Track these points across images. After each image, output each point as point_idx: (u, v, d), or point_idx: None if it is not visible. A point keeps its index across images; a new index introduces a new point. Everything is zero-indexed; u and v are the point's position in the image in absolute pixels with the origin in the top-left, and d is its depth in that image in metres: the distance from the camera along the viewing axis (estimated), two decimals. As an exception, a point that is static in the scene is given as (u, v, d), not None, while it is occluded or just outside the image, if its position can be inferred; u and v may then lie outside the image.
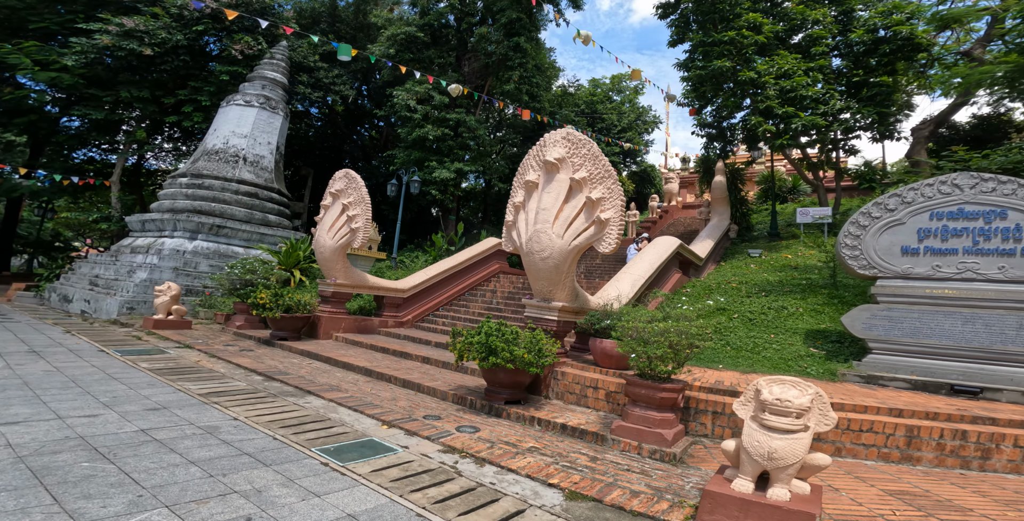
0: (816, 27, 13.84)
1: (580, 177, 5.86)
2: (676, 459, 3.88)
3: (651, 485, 3.46)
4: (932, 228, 5.95)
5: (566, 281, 6.03)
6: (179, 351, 7.85)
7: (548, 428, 4.79)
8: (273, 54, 15.56)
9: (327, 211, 9.78)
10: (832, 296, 8.98)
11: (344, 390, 5.88)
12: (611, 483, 3.47)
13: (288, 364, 7.23)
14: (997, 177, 5.65)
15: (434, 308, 11.30)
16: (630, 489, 3.38)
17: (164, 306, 10.23)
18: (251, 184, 15.34)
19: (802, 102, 12.75)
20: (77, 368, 6.08)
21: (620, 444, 4.17)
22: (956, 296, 5.71)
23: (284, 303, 8.68)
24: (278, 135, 15.99)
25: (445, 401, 5.73)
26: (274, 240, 15.31)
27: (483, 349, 4.98)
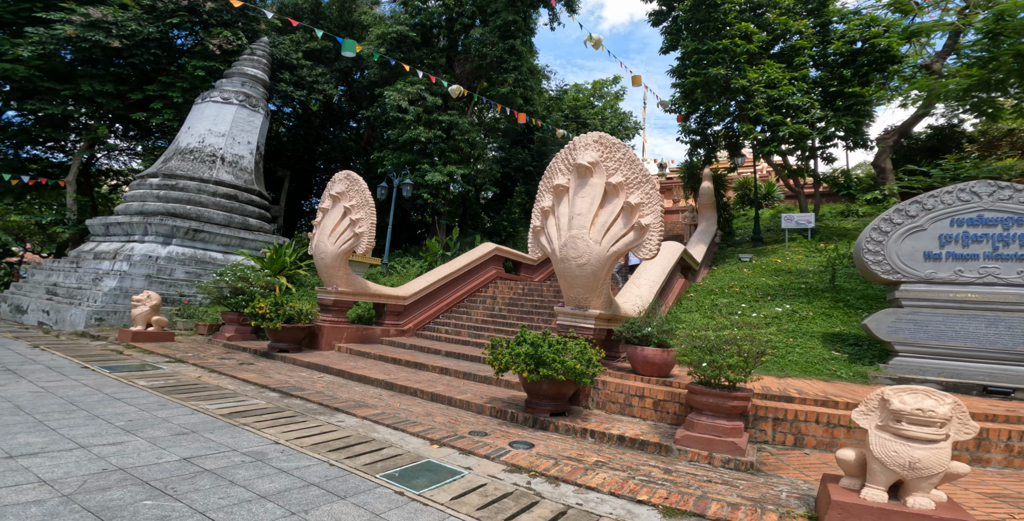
0: (797, 38, 14.38)
1: (616, 181, 5.77)
2: (752, 468, 3.79)
3: (744, 496, 3.35)
4: (953, 234, 6.16)
5: (602, 288, 5.91)
6: (173, 366, 7.26)
7: (603, 440, 4.63)
8: (254, 50, 14.85)
9: (326, 215, 9.35)
10: (836, 300, 9.23)
11: (372, 406, 5.54)
12: (702, 496, 3.34)
13: (298, 378, 6.79)
14: (1013, 185, 5.91)
15: (434, 315, 10.98)
16: (726, 501, 3.25)
17: (143, 317, 9.51)
18: (230, 185, 14.56)
19: (788, 111, 13.19)
20: (68, 388, 5.49)
21: (687, 454, 4.05)
22: (979, 300, 5.92)
23: (286, 313, 8.19)
24: (258, 134, 15.26)
25: (482, 415, 5.49)
26: (255, 245, 14.58)
27: (531, 360, 4.77)
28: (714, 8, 12.21)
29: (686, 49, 12.73)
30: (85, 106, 15.43)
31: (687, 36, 13.20)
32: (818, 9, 14.44)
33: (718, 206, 17.27)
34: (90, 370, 6.66)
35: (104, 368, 6.80)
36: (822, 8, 14.43)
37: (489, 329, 9.94)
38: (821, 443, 4.31)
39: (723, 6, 12.21)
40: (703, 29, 12.54)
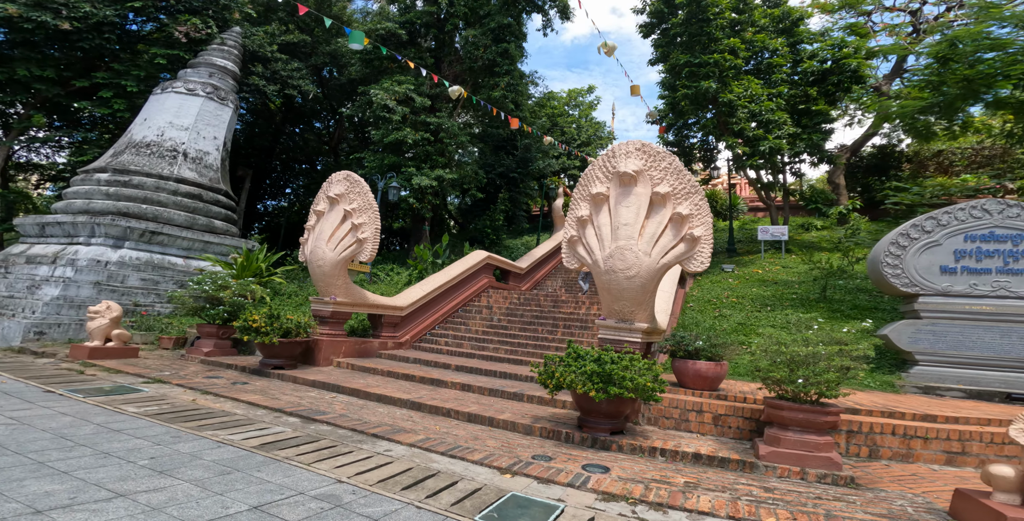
0: (775, 56, 15.12)
1: (664, 191, 5.67)
2: (852, 482, 3.72)
3: (870, 512, 3.23)
4: (967, 249, 6.52)
5: (650, 301, 5.77)
6: (155, 388, 6.43)
7: (675, 458, 4.45)
8: (224, 40, 13.77)
9: (322, 218, 8.72)
10: (832, 311, 9.60)
11: (410, 430, 5.09)
12: (827, 514, 3.19)
13: (310, 400, 6.19)
14: (1020, 204, 6.33)
15: (430, 327, 10.48)
16: (856, 519, 3.14)
17: (102, 331, 8.47)
18: (193, 184, 13.39)
19: (767, 126, 13.79)
20: (46, 418, 4.68)
21: (777, 470, 3.94)
22: (993, 312, 6.27)
23: (282, 326, 7.50)
24: (226, 129, 14.16)
25: (532, 436, 5.17)
26: (221, 249, 13.45)
27: (598, 379, 4.53)
28: (706, 23, 12.60)
29: (677, 62, 13.05)
30: (20, 92, 13.77)
31: (678, 49, 13.53)
32: (790, 29, 15.27)
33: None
34: (57, 395, 5.76)
35: (73, 392, 5.90)
36: (793, 28, 15.27)
37: (492, 341, 9.60)
38: (897, 455, 4.34)
39: (715, 21, 12.62)
40: (694, 43, 12.91)
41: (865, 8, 17.79)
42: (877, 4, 17.97)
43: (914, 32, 20.15)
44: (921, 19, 19.46)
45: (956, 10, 17.84)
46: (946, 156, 27.07)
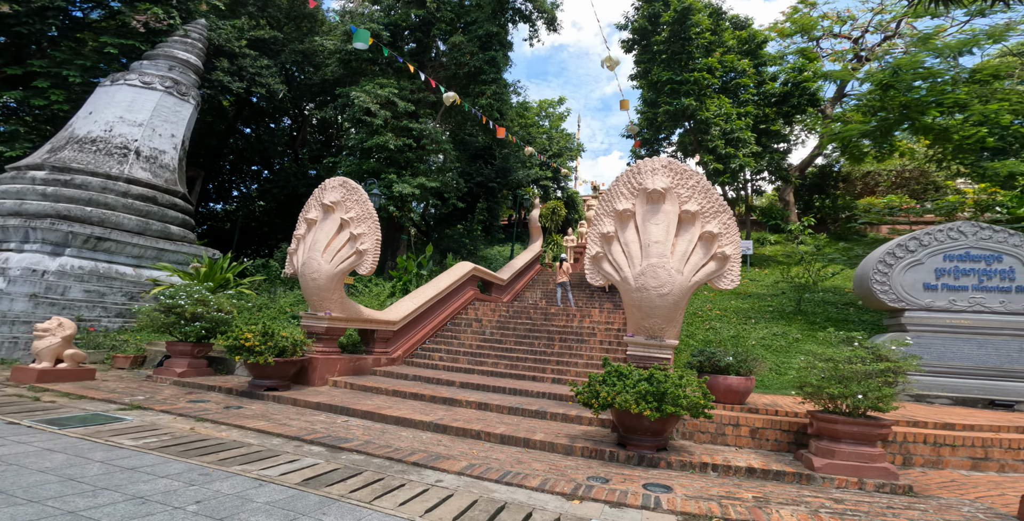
0: (742, 76, 16.10)
1: (693, 210, 5.85)
2: (910, 491, 3.95)
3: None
4: (946, 268, 7.18)
5: (679, 318, 5.90)
6: (138, 416, 5.80)
7: (729, 473, 4.53)
8: (188, 32, 12.80)
9: (314, 227, 8.28)
10: (809, 322, 10.26)
11: (447, 455, 4.88)
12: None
13: (322, 425, 5.80)
14: (992, 227, 7.08)
15: (421, 341, 10.17)
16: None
17: (52, 351, 7.59)
18: (146, 185, 12.29)
19: (736, 144, 14.64)
20: (32, 455, 4.08)
21: (835, 481, 4.11)
22: (970, 325, 6.93)
23: (277, 344, 7.00)
24: (185, 127, 13.14)
25: (573, 456, 5.10)
26: (178, 257, 12.41)
27: (652, 398, 4.56)
28: (688, 42, 13.23)
29: (660, 78, 13.58)
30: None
31: (660, 65, 14.08)
32: (754, 51, 16.34)
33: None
34: (24, 427, 5.05)
35: (42, 423, 5.21)
36: (757, 51, 16.36)
37: (489, 355, 9.44)
38: (928, 462, 4.68)
39: (695, 40, 13.27)
40: (675, 60, 13.50)
41: (815, 34, 19.39)
42: (826, 31, 19.64)
43: (855, 58, 22.19)
44: (862, 46, 21.49)
45: (893, 39, 19.86)
46: (872, 177, 29.88)
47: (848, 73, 17.44)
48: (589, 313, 11.04)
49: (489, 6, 13.82)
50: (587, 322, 10.59)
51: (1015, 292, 6.93)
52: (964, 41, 16.85)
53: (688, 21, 13.03)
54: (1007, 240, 7.05)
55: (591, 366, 8.79)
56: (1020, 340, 6.76)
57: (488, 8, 13.74)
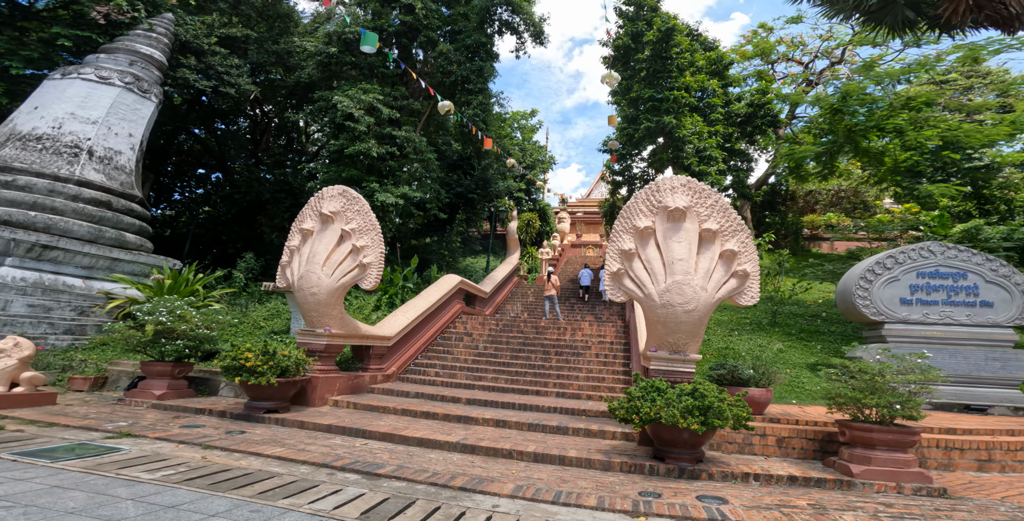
0: (712, 96, 17.08)
1: (714, 228, 6.15)
2: (944, 494, 4.32)
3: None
4: (919, 284, 7.93)
5: (702, 333, 6.15)
6: (134, 445, 5.33)
7: (771, 481, 4.76)
8: (153, 26, 11.98)
9: (310, 239, 7.96)
10: (786, 334, 10.94)
11: (488, 477, 4.82)
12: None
13: (342, 449, 5.56)
14: (957, 246, 7.91)
15: (413, 357, 9.94)
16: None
17: (7, 374, 6.91)
18: (100, 188, 11.34)
19: (708, 161, 15.47)
20: (44, 493, 3.67)
21: (874, 486, 4.43)
22: (942, 336, 7.68)
23: (280, 364, 6.64)
24: (145, 127, 12.25)
25: (613, 471, 5.18)
26: (135, 268, 11.49)
27: (699, 412, 4.74)
28: (669, 61, 13.93)
29: (641, 95, 14.17)
30: None
31: (641, 83, 14.68)
32: (721, 72, 17.41)
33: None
34: (8, 461, 4.53)
35: (29, 456, 4.70)
36: (724, 72, 17.45)
37: (487, 370, 9.38)
38: (941, 465, 5.13)
39: (676, 60, 13.99)
40: (656, 78, 14.15)
41: (772, 58, 20.95)
42: (781, 56, 21.26)
43: (804, 82, 24.10)
44: (812, 71, 23.38)
45: (839, 65, 21.78)
46: (813, 195, 32.42)
47: (800, 96, 18.95)
48: (579, 326, 11.23)
49: (476, 17, 13.95)
50: (579, 335, 10.77)
51: (979, 306, 7.78)
52: (903, 69, 18.74)
53: (671, 41, 13.77)
54: (970, 259, 7.92)
55: (591, 379, 8.94)
56: (985, 350, 7.57)
57: (475, 19, 13.87)
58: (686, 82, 14.44)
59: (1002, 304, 7.68)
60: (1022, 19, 9.44)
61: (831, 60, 21.70)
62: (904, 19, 10.79)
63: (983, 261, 7.85)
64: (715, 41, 17.19)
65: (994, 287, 7.75)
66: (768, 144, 19.52)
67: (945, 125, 17.92)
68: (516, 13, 13.99)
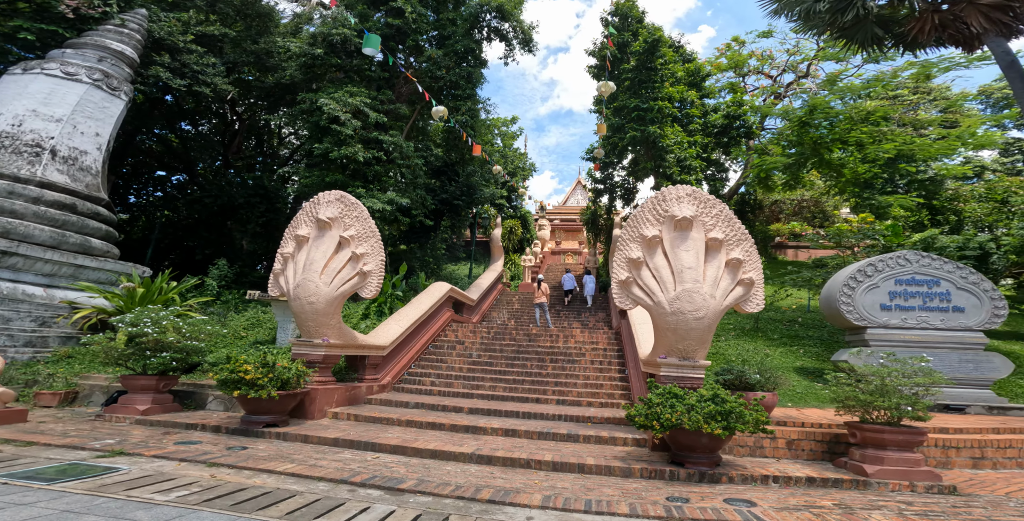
0: (691, 107, 17.69)
1: (720, 238, 6.37)
2: (955, 491, 4.60)
3: (1012, 514, 4.04)
4: (898, 291, 8.44)
5: (710, 339, 6.34)
6: (132, 464, 5.05)
7: (790, 483, 4.93)
8: (126, 22, 11.42)
9: (306, 246, 7.77)
10: (768, 339, 11.39)
11: (513, 488, 4.80)
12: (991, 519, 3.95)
13: (355, 463, 5.43)
14: (930, 256, 8.47)
15: (406, 366, 9.79)
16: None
17: None
18: (63, 190, 10.69)
19: (688, 171, 16.00)
20: (58, 519, 3.45)
21: (889, 485, 4.67)
22: (919, 340, 8.19)
23: (280, 376, 6.42)
24: (113, 127, 11.65)
25: (633, 477, 5.26)
26: (100, 276, 10.87)
27: (721, 417, 4.89)
28: (655, 71, 14.37)
29: (627, 105, 14.54)
30: None
31: (626, 93, 15.06)
32: (698, 83, 18.09)
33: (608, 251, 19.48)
34: (1, 485, 4.22)
35: (19, 478, 4.39)
36: (701, 83, 18.14)
37: (483, 379, 9.34)
38: (940, 463, 5.46)
39: (661, 71, 14.45)
40: (642, 89, 14.56)
41: (743, 71, 21.93)
42: (753, 70, 22.27)
43: (772, 95, 25.28)
44: (779, 84, 24.57)
45: (805, 79, 23.00)
46: (778, 205, 33.94)
47: (770, 109, 19.91)
48: (571, 333, 11.34)
49: (465, 22, 13.99)
50: (572, 343, 10.87)
51: (952, 311, 8.35)
52: (863, 85, 19.96)
53: (657, 52, 14.24)
54: (943, 267, 8.50)
55: (589, 386, 9.04)
56: (959, 352, 8.12)
57: (463, 25, 13.90)
58: (668, 93, 14.94)
59: (972, 309, 8.28)
60: (982, 38, 10.30)
61: (797, 74, 22.89)
62: (873, 36, 11.57)
63: (954, 269, 8.44)
64: (692, 53, 17.86)
65: (965, 293, 8.34)
66: (739, 154, 20.35)
67: (901, 139, 19.18)
68: (505, 20, 14.13)
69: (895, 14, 11.41)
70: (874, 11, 11.20)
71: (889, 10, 11.37)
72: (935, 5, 10.51)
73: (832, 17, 11.39)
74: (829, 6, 11.31)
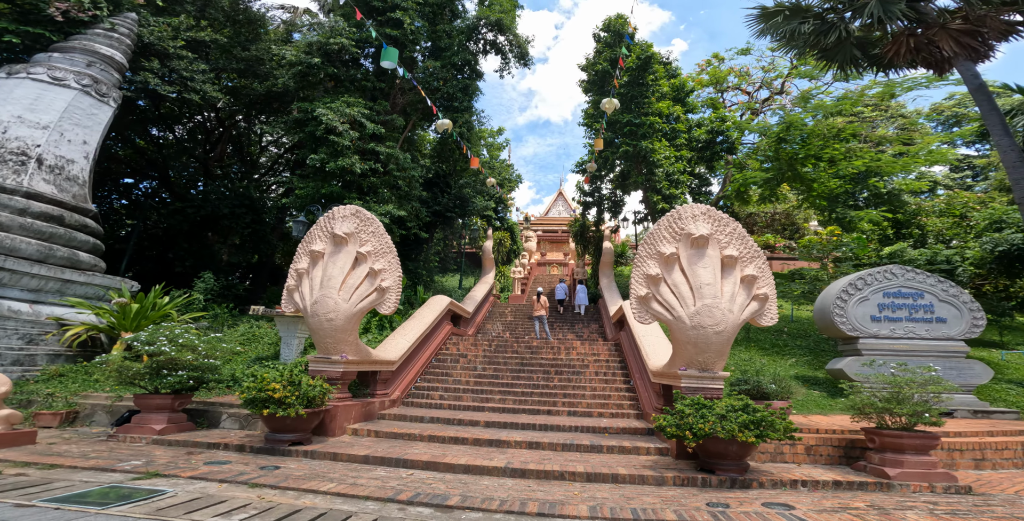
0: (677, 122, 18.43)
1: (735, 255, 6.80)
2: (971, 491, 5.07)
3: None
4: (886, 303, 9.11)
5: (727, 352, 6.74)
6: (176, 486, 5.04)
7: (818, 487, 5.30)
8: (116, 26, 11.19)
9: (323, 261, 7.83)
10: (760, 348, 11.97)
11: (556, 500, 5.02)
12: (1014, 515, 4.39)
13: (394, 481, 5.55)
14: (914, 270, 9.19)
15: (413, 380, 9.88)
16: None
17: None
18: (51, 201, 10.38)
19: (677, 185, 16.67)
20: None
21: (910, 487, 5.11)
22: (907, 349, 8.85)
23: (306, 394, 6.47)
24: (101, 134, 11.36)
25: (667, 486, 5.54)
26: (88, 291, 10.55)
27: (754, 426, 5.26)
28: (646, 87, 14.99)
29: (620, 119, 15.09)
30: None
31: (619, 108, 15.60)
32: (683, 99, 18.89)
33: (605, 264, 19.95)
34: (50, 509, 4.20)
35: (59, 502, 4.36)
36: (686, 99, 18.95)
37: (493, 392, 9.52)
38: (947, 465, 5.95)
39: (652, 87, 15.08)
40: (632, 104, 15.15)
41: (723, 87, 23.01)
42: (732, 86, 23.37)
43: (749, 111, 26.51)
44: (756, 100, 25.80)
45: (779, 96, 24.28)
46: (752, 217, 35.40)
47: (748, 124, 20.95)
48: (572, 345, 11.65)
49: (462, 35, 14.27)
50: (574, 354, 11.17)
51: (935, 322, 9.06)
52: (835, 103, 21.22)
53: (649, 68, 14.88)
54: (925, 281, 9.23)
55: (597, 397, 9.34)
56: (944, 360, 8.82)
57: (460, 38, 14.18)
58: (658, 108, 15.59)
59: (953, 320, 9.02)
60: (952, 62, 11.26)
61: (771, 91, 24.16)
62: (852, 57, 12.47)
63: (936, 282, 9.18)
64: (677, 69, 18.70)
65: (946, 305, 9.08)
66: (719, 169, 21.28)
67: (869, 155, 20.48)
68: (502, 33, 14.51)
69: (870, 36, 12.35)
70: (855, 33, 12.09)
71: (863, 32, 12.30)
72: (910, 29, 11.43)
73: (816, 38, 12.21)
74: (813, 28, 12.14)
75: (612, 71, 15.08)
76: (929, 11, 11.17)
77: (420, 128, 15.25)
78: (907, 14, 11.02)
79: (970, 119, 31.62)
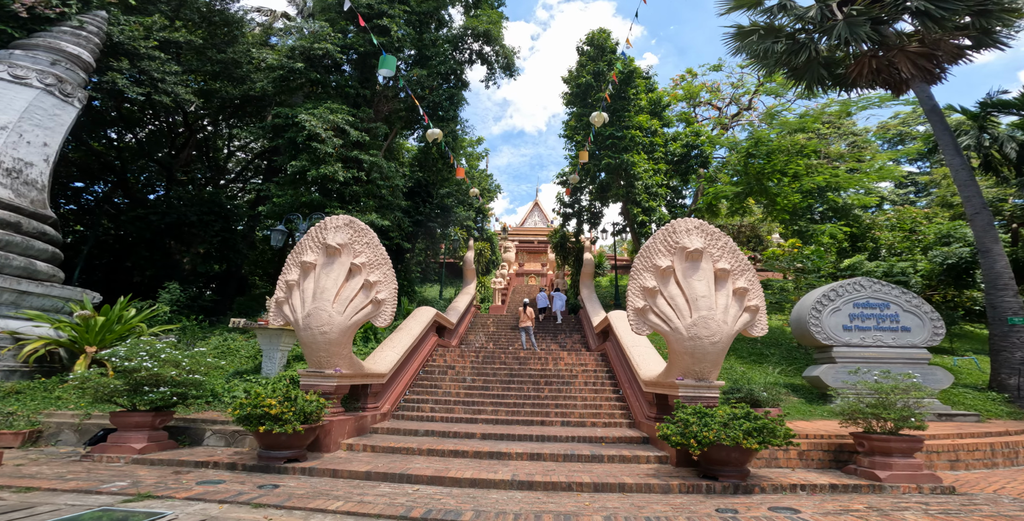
0: (655, 136, 19.04)
1: (727, 268, 7.13)
2: (954, 491, 5.45)
3: (1016, 509, 4.89)
4: (856, 313, 9.70)
5: (722, 361, 7.03)
6: (175, 508, 4.84)
7: (816, 490, 5.59)
8: (84, 24, 10.68)
9: (314, 273, 7.70)
10: (738, 357, 12.45)
11: (572, 512, 5.10)
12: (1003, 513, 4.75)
13: (402, 498, 5.49)
14: (880, 282, 9.83)
15: (401, 393, 9.76)
16: None
17: None
18: (7, 207, 9.77)
19: (655, 198, 17.20)
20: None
21: (900, 488, 5.45)
22: (876, 356, 9.43)
23: (303, 409, 6.32)
24: (63, 136, 10.79)
25: (673, 493, 5.70)
26: (46, 303, 9.95)
27: (757, 433, 5.51)
28: (628, 101, 15.47)
29: (602, 132, 15.49)
30: None
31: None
32: (659, 113, 19.58)
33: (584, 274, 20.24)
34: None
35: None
36: (662, 113, 19.65)
37: (484, 404, 9.52)
38: (926, 466, 6.36)
39: (633, 101, 15.57)
40: (617, 117, 15.59)
41: (696, 102, 23.99)
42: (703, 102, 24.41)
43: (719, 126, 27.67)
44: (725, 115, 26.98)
45: (747, 111, 25.50)
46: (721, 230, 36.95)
47: (719, 139, 21.93)
48: (559, 356, 11.78)
49: (448, 44, 14.35)
50: (562, 365, 11.31)
51: (900, 331, 9.71)
52: (798, 120, 22.48)
53: (632, 82, 15.38)
54: (891, 292, 9.89)
55: (589, 407, 9.49)
56: (909, 366, 9.43)
57: (446, 47, 14.26)
58: (639, 121, 16.13)
59: (916, 329, 9.69)
60: (909, 83, 12.21)
61: (739, 107, 25.38)
62: (819, 76, 13.34)
63: (900, 294, 9.86)
64: (654, 83, 19.40)
65: (910, 315, 9.75)
66: (692, 182, 22.11)
67: (829, 172, 21.77)
68: (489, 43, 14.70)
69: (834, 57, 13.27)
70: (823, 53, 12.96)
71: (829, 52, 13.20)
72: (872, 51, 12.35)
73: (788, 57, 13.01)
74: (786, 47, 12.94)
75: (596, 84, 15.53)
76: (890, 34, 12.12)
77: (401, 136, 15.18)
78: (871, 36, 11.91)
79: (912, 137, 34.11)
